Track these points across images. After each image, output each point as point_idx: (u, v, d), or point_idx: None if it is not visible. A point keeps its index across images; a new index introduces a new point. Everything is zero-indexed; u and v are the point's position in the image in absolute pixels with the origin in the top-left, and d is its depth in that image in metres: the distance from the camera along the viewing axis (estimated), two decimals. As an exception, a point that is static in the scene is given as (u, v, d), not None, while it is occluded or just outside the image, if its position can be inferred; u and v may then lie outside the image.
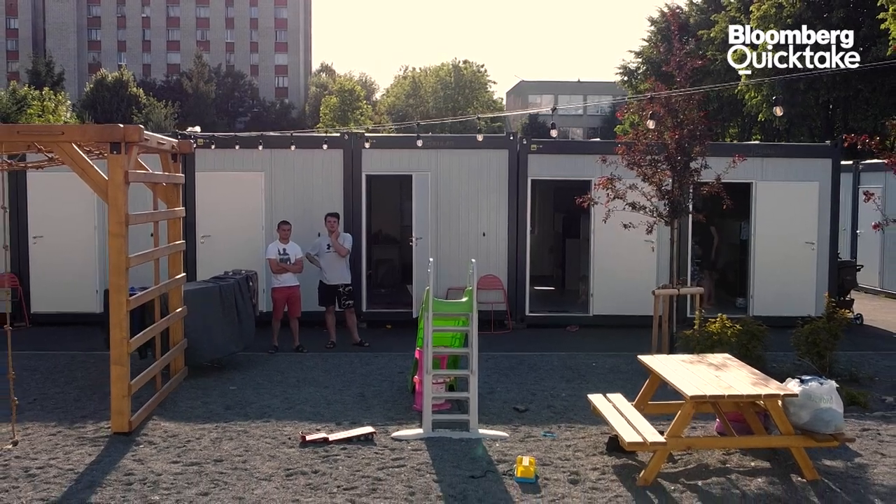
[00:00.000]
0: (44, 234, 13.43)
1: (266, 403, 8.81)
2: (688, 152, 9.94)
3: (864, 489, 6.49)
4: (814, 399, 6.57)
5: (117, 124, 7.31)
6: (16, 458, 7.06)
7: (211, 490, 6.32)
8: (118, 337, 7.53)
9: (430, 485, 6.49)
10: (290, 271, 11.43)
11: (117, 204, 7.35)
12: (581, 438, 7.66)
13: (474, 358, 7.76)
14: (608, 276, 13.46)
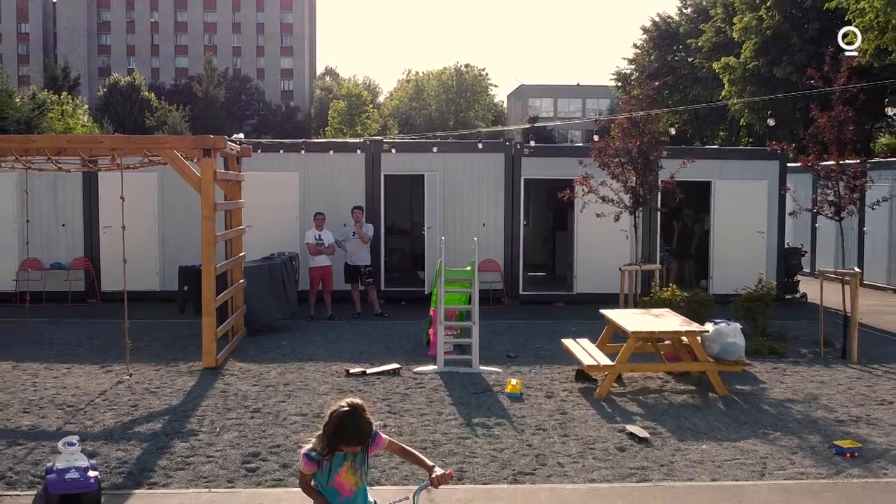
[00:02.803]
0: (112, 224, 15.84)
1: (312, 353, 11.28)
2: (647, 156, 12.41)
3: (759, 401, 8.96)
4: (722, 335, 9.06)
5: (208, 136, 9.78)
6: (136, 383, 9.54)
7: (285, 399, 8.80)
8: (208, 295, 9.99)
9: (443, 397, 8.97)
10: (324, 253, 13.92)
11: (208, 195, 9.83)
12: (557, 373, 10.12)
13: (475, 312, 10.26)
14: (589, 260, 15.90)
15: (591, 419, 8.21)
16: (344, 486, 4.03)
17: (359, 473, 4.03)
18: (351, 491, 4.03)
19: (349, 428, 3.88)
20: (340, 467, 3.99)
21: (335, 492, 4.02)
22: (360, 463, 4.01)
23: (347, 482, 4.02)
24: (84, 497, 5.83)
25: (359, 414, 3.90)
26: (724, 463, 6.95)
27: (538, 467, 6.81)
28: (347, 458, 3.98)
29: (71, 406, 8.57)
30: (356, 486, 4.03)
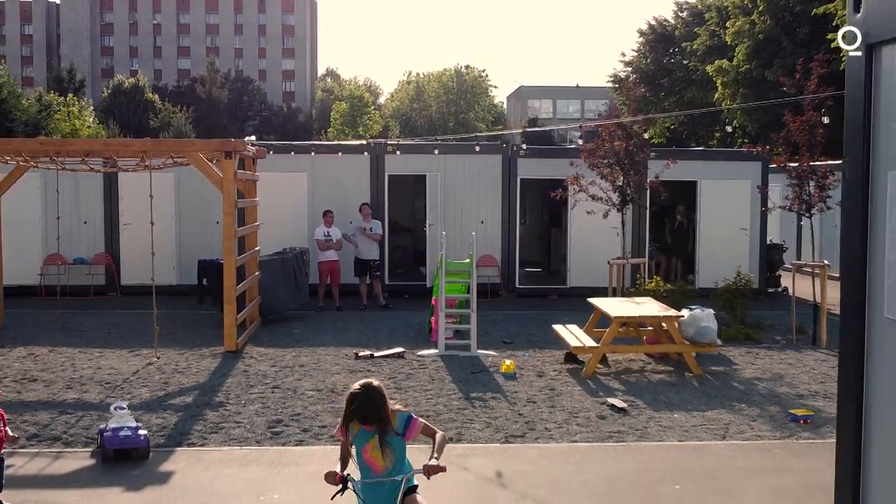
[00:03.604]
0: (131, 221, 16.80)
1: (323, 339, 12.22)
2: (633, 157, 13.35)
3: (730, 379, 9.90)
4: (697, 320, 10.01)
5: (230, 139, 10.72)
6: (164, 364, 10.49)
7: (301, 378, 9.74)
8: (229, 284, 10.94)
9: (444, 376, 9.91)
10: (332, 248, 14.86)
11: (229, 193, 10.78)
12: (548, 356, 11.06)
13: (473, 301, 11.20)
14: (582, 256, 16.83)
15: (576, 394, 9.15)
16: (374, 465, 4.22)
17: (388, 457, 4.16)
18: (381, 470, 4.19)
19: (356, 405, 4.09)
20: (365, 444, 4.18)
21: (367, 468, 4.24)
22: (388, 446, 4.15)
23: (376, 462, 4.19)
24: (136, 452, 6.78)
25: (368, 395, 4.10)
26: (692, 428, 7.90)
27: (527, 431, 7.75)
28: (372, 438, 4.15)
29: (108, 383, 9.52)
30: (386, 468, 4.18)
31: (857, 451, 3.78)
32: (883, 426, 3.70)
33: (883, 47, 3.67)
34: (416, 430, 4.25)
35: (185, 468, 6.68)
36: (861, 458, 3.77)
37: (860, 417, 3.79)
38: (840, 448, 3.98)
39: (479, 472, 6.59)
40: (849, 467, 3.83)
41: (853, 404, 3.82)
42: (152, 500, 6.04)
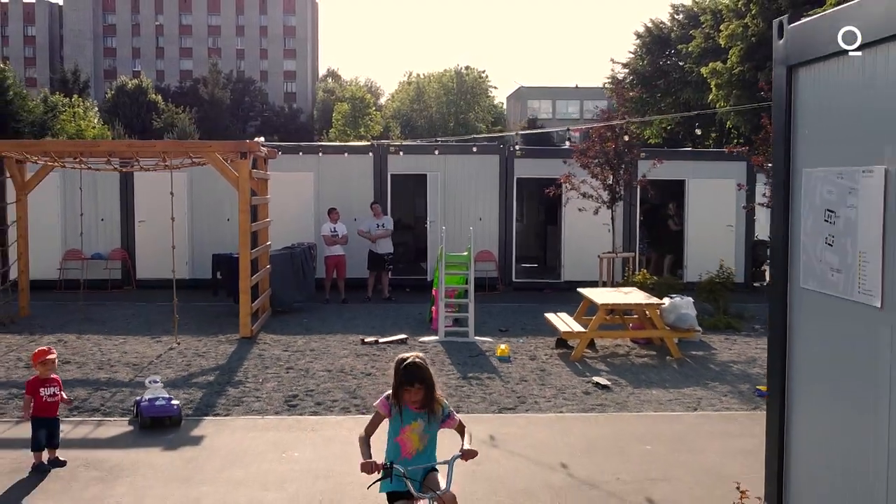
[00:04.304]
0: (146, 219, 17.64)
1: (331, 327, 13.06)
2: (622, 157, 14.19)
3: (707, 362, 10.74)
4: (677, 307, 10.85)
5: (245, 141, 11.55)
6: (185, 349, 11.33)
7: (313, 360, 10.58)
8: (245, 276, 11.77)
9: (444, 360, 10.75)
10: (338, 244, 15.70)
11: (245, 191, 11.61)
12: (540, 342, 11.90)
13: (471, 290, 12.04)
14: (575, 251, 17.66)
15: (564, 374, 10.00)
16: (405, 447, 4.35)
17: (423, 441, 4.35)
18: (410, 454, 4.34)
19: (407, 369, 4.28)
20: (408, 424, 4.33)
21: (397, 449, 4.35)
22: (426, 430, 4.36)
23: (410, 444, 4.34)
24: (169, 419, 7.62)
25: (418, 364, 4.30)
26: (667, 402, 8.74)
27: (519, 405, 8.60)
28: (417, 420, 4.33)
29: (135, 364, 10.37)
30: (416, 451, 4.35)
31: (782, 392, 4.63)
32: (801, 374, 4.54)
33: (800, 68, 4.51)
34: (455, 422, 4.48)
35: (213, 433, 7.52)
36: (785, 397, 4.62)
37: (784, 367, 4.63)
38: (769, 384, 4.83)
39: (474, 436, 7.40)
40: (776, 406, 4.68)
41: (779, 355, 4.67)
42: (188, 457, 6.88)
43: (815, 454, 4.41)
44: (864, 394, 3.91)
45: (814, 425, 4.41)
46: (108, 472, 6.46)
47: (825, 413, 4.29)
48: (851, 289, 4.00)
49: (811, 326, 4.42)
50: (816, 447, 4.39)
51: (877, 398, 3.80)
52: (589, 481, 6.30)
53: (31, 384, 6.54)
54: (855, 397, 3.99)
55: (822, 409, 4.33)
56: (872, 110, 3.87)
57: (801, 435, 4.54)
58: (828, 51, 4.18)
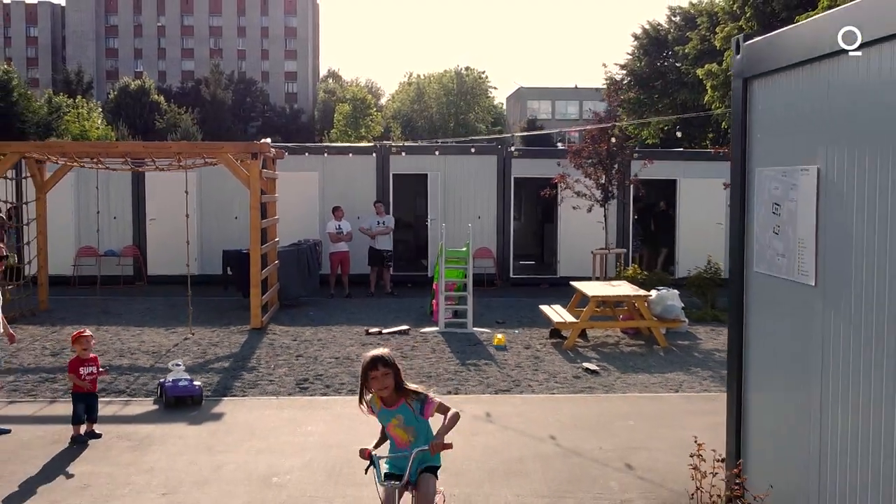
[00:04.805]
0: (156, 217, 18.31)
1: (337, 319, 13.72)
2: (614, 157, 14.85)
3: (692, 351, 11.40)
4: (663, 299, 11.51)
5: (256, 142, 12.21)
6: (199, 339, 11.99)
7: (321, 349, 11.25)
8: (255, 270, 12.44)
9: (444, 348, 11.42)
10: (343, 240, 16.36)
11: (255, 190, 12.28)
12: (535, 333, 12.56)
13: (469, 284, 12.72)
14: (570, 248, 18.32)
15: (557, 361, 10.66)
16: (397, 440, 4.66)
17: (410, 432, 4.58)
18: (404, 445, 4.61)
19: (373, 358, 4.55)
20: (388, 422, 4.62)
21: (393, 441, 4.69)
22: (408, 423, 4.57)
23: (399, 437, 4.63)
24: (191, 399, 8.29)
25: (383, 355, 4.57)
26: (651, 385, 9.41)
27: (513, 387, 9.26)
28: (396, 416, 4.57)
29: (154, 352, 11.04)
30: (409, 442, 4.60)
31: (739, 356, 5.30)
32: (755, 342, 5.21)
33: (753, 80, 5.18)
34: (433, 408, 4.61)
35: (232, 411, 8.19)
36: (742, 360, 5.29)
37: (741, 336, 5.30)
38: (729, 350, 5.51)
39: (471, 413, 8.09)
40: (734, 368, 5.35)
41: (737, 327, 5.34)
42: (210, 431, 7.55)
43: (765, 408, 5.09)
44: (802, 354, 4.59)
45: (764, 383, 5.10)
46: (140, 443, 7.13)
47: (772, 371, 4.98)
48: (793, 270, 4.67)
49: (762, 303, 5.10)
50: (767, 402, 5.07)
51: (810, 356, 4.48)
52: (574, 450, 6.96)
53: (73, 364, 7.22)
54: (795, 358, 4.67)
55: (770, 368, 5.02)
56: (809, 118, 4.54)
57: (754, 393, 5.22)
58: (776, 65, 4.86)
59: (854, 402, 4.10)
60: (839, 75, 4.24)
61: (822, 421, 4.38)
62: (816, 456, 4.44)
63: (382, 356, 4.58)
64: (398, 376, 4.57)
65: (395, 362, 4.59)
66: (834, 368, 4.28)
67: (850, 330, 4.13)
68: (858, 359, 4.06)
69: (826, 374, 4.35)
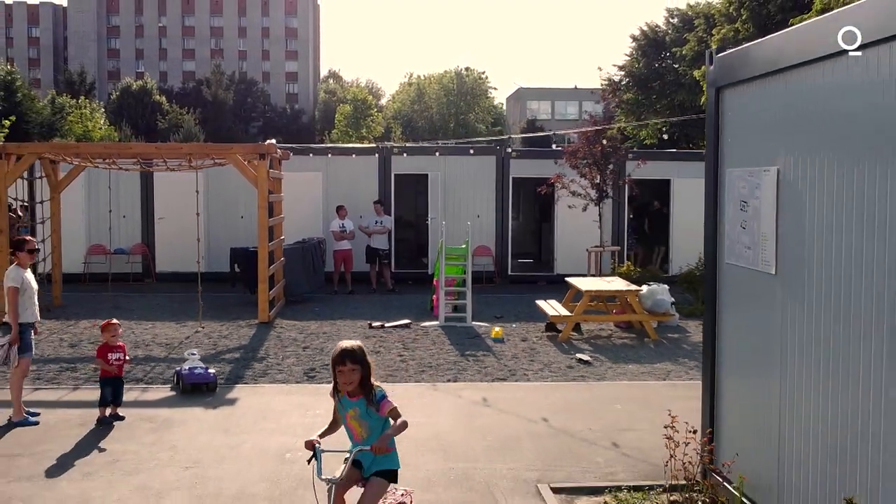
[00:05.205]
0: (165, 216, 18.83)
1: (341, 314, 14.26)
2: (608, 158, 15.38)
3: (681, 343, 11.94)
4: (654, 293, 12.04)
5: (263, 143, 12.74)
6: (210, 332, 12.52)
7: (326, 341, 11.77)
8: (263, 266, 12.96)
9: (444, 341, 11.95)
10: (346, 239, 16.90)
11: (263, 189, 12.80)
12: (532, 327, 13.09)
13: (469, 280, 13.25)
14: (567, 246, 18.85)
15: (552, 352, 11.19)
16: (353, 432, 4.67)
17: (364, 427, 4.59)
18: (358, 439, 4.63)
19: (342, 352, 4.55)
20: (346, 412, 4.64)
21: (350, 433, 4.71)
22: (363, 416, 4.57)
23: (355, 430, 4.65)
24: (206, 385, 8.82)
25: (353, 348, 4.57)
26: (641, 374, 9.94)
27: (509, 376, 9.79)
28: (354, 407, 4.59)
29: (168, 344, 11.57)
30: (363, 437, 4.61)
31: (713, 338, 5.83)
32: (726, 324, 5.74)
33: (725, 90, 5.70)
34: (387, 409, 4.54)
35: (245, 396, 8.72)
36: (715, 341, 5.82)
37: (715, 320, 5.83)
38: (704, 332, 6.04)
39: (469, 398, 8.64)
40: (708, 348, 5.88)
41: (711, 312, 5.87)
42: (225, 414, 8.08)
43: (735, 386, 5.63)
44: (764, 334, 5.12)
45: (734, 361, 5.64)
46: (161, 424, 7.66)
47: (740, 349, 5.52)
48: (757, 261, 5.20)
49: (732, 291, 5.63)
50: (736, 380, 5.61)
51: (771, 337, 5.01)
52: (565, 430, 7.49)
53: (101, 350, 7.76)
54: (759, 337, 5.20)
55: (738, 346, 5.56)
56: (770, 124, 5.07)
57: (726, 373, 5.76)
58: (743, 76, 5.39)
59: (808, 380, 4.62)
60: (794, 87, 4.76)
61: (782, 397, 4.91)
62: (776, 430, 4.96)
63: (353, 352, 4.55)
64: (366, 372, 4.56)
65: (364, 358, 4.57)
66: (791, 349, 4.80)
67: (804, 313, 4.66)
68: (811, 340, 4.59)
69: (784, 354, 4.87)
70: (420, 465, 6.60)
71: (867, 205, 4.06)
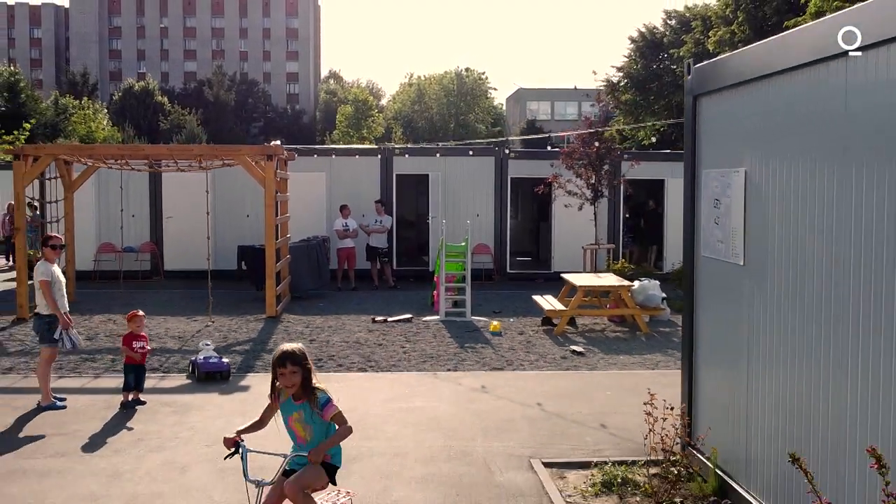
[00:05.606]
0: (173, 215, 19.37)
1: (345, 309, 14.79)
2: (602, 159, 15.92)
3: (672, 336, 12.47)
4: (645, 289, 12.59)
5: (271, 145, 13.28)
6: (220, 326, 13.06)
7: (331, 335, 12.32)
8: (270, 263, 13.50)
9: (444, 334, 12.49)
10: (349, 237, 17.44)
11: (270, 189, 13.34)
12: (529, 321, 13.63)
13: (468, 275, 13.79)
14: (564, 245, 19.39)
15: (547, 345, 11.73)
16: (297, 435, 4.64)
17: (308, 430, 4.56)
18: (301, 441, 4.62)
19: (282, 356, 4.57)
20: (289, 415, 4.60)
21: (292, 435, 4.65)
22: (307, 420, 4.55)
23: (299, 433, 4.62)
24: (220, 374, 9.36)
25: (293, 351, 4.57)
26: (631, 364, 10.48)
27: (506, 365, 10.33)
28: (298, 410, 4.56)
29: (180, 337, 12.12)
30: (306, 440, 4.59)
31: (691, 324, 6.37)
32: (702, 310, 6.28)
33: (701, 97, 6.24)
34: (331, 413, 4.55)
35: (257, 383, 9.26)
36: (693, 327, 6.36)
37: (693, 307, 6.37)
38: (684, 319, 6.57)
39: (468, 385, 9.18)
40: (687, 334, 6.42)
41: (689, 300, 6.41)
42: (240, 399, 8.62)
43: (709, 366, 6.17)
44: (733, 319, 5.66)
45: (708, 345, 6.18)
46: (181, 408, 8.20)
47: (714, 334, 6.06)
48: (728, 253, 5.74)
49: (707, 281, 6.17)
50: (711, 363, 6.15)
51: (740, 320, 5.55)
52: (557, 414, 8.03)
53: (126, 338, 8.31)
54: (729, 322, 5.74)
55: (712, 332, 6.10)
56: (738, 129, 5.61)
57: (701, 353, 6.30)
58: (716, 86, 5.93)
59: (769, 360, 5.16)
60: (756, 97, 5.30)
61: (749, 376, 5.45)
62: (744, 407, 5.50)
63: (293, 354, 4.55)
64: (307, 374, 4.58)
65: (305, 361, 4.58)
66: (757, 334, 5.34)
67: (766, 300, 5.19)
68: (774, 326, 5.12)
69: (752, 338, 5.41)
70: (422, 442, 7.14)
71: (818, 203, 4.60)
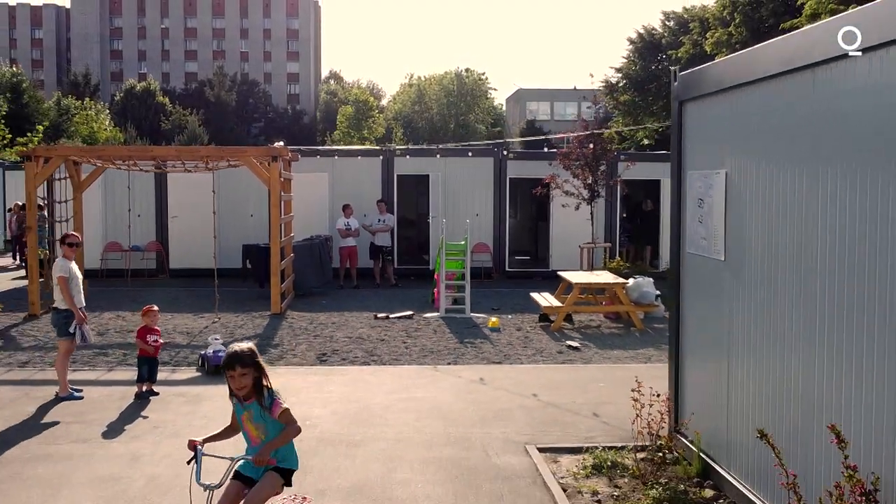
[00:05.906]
0: (178, 214, 19.75)
1: (348, 306, 15.17)
2: (599, 160, 16.30)
3: (666, 333, 12.80)
4: (639, 286, 12.96)
5: (275, 146, 13.65)
6: (226, 322, 13.44)
7: (335, 331, 12.69)
8: (275, 261, 13.88)
9: (444, 330, 12.86)
10: (351, 236, 17.81)
11: (275, 189, 13.72)
12: (527, 318, 14.01)
13: (468, 273, 14.17)
14: (561, 243, 19.77)
15: (544, 340, 12.11)
16: (250, 435, 4.62)
17: (260, 430, 4.55)
18: (254, 442, 4.60)
19: (230, 357, 4.52)
20: (242, 414, 4.61)
21: (246, 436, 4.66)
22: (257, 419, 4.54)
23: (252, 433, 4.60)
24: (229, 367, 9.72)
25: (241, 352, 4.51)
26: (625, 358, 10.86)
27: (504, 359, 10.71)
28: (249, 410, 4.56)
29: (189, 332, 12.50)
30: (260, 440, 4.57)
31: (678, 316, 6.75)
32: (687, 303, 6.66)
33: (686, 103, 6.61)
34: (278, 411, 4.53)
35: (265, 376, 9.63)
36: (679, 319, 6.74)
37: (679, 301, 6.75)
38: (671, 312, 6.95)
39: (467, 378, 9.56)
40: (674, 325, 6.80)
41: (676, 294, 6.79)
42: (249, 391, 8.99)
43: (694, 354, 6.55)
44: (715, 311, 6.04)
45: (693, 335, 6.56)
46: (193, 399, 8.59)
47: (698, 325, 6.44)
48: (710, 250, 6.12)
49: (692, 275, 6.55)
50: (695, 354, 6.53)
51: (721, 312, 5.93)
52: (552, 404, 8.41)
53: (141, 332, 8.69)
54: (712, 314, 6.12)
55: (697, 323, 6.48)
56: (720, 132, 5.99)
57: (687, 343, 6.68)
58: (700, 92, 6.30)
59: (746, 349, 5.53)
60: (734, 103, 5.68)
61: (729, 364, 5.83)
62: (725, 393, 5.87)
63: (241, 356, 4.50)
64: (259, 374, 4.55)
65: (256, 361, 4.54)
66: (736, 324, 5.72)
67: (744, 292, 5.57)
68: (750, 316, 5.50)
69: (731, 328, 5.79)
70: (423, 429, 7.52)
71: (789, 201, 4.98)
